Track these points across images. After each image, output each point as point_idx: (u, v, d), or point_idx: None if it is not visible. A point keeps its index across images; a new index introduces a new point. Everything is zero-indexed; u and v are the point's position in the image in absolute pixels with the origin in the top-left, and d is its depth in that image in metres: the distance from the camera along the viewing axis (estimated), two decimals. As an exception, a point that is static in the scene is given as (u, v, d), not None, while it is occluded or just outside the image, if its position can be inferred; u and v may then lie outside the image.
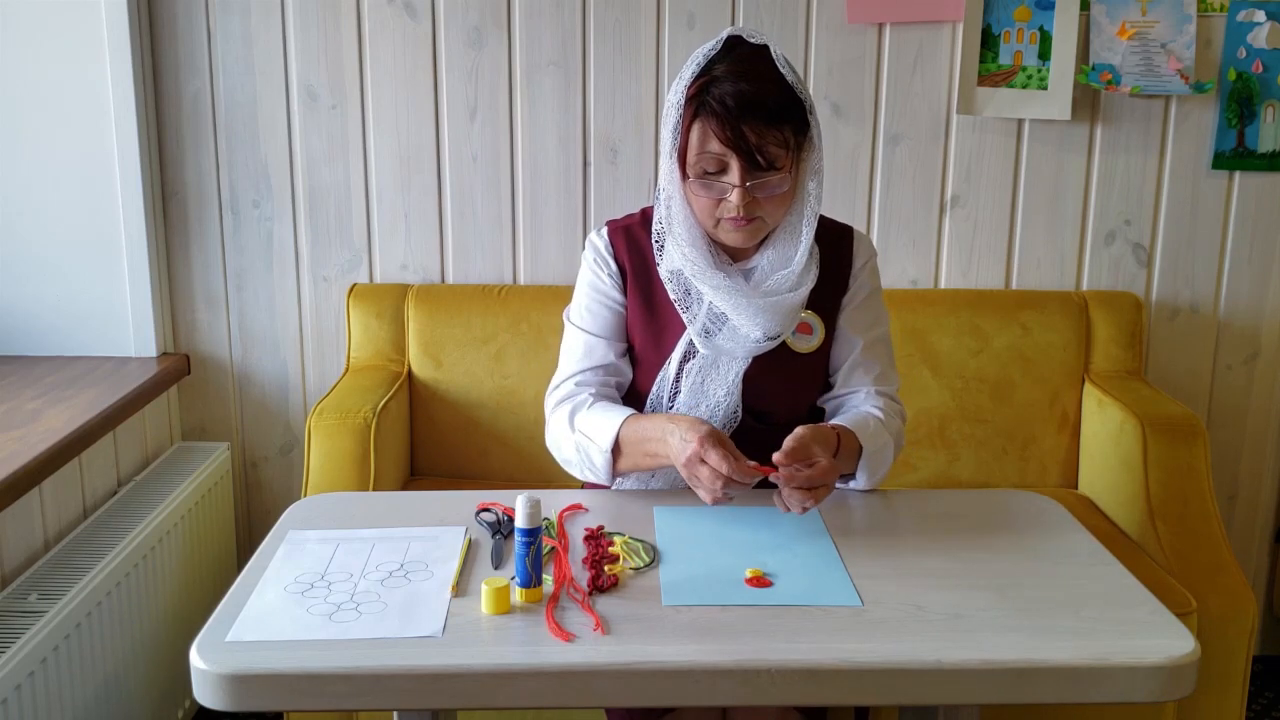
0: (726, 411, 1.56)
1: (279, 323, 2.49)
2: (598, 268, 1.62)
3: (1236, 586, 1.97)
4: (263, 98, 2.39)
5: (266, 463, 2.57)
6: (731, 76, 1.41)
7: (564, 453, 1.58)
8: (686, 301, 1.55)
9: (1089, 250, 2.47)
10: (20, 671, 1.61)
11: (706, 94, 1.42)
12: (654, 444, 1.45)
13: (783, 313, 1.53)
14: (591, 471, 1.54)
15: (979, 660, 1.13)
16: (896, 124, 2.41)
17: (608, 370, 1.60)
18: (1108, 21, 2.35)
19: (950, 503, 1.55)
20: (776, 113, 1.42)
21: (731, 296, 1.50)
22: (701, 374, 1.56)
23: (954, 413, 2.36)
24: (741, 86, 1.40)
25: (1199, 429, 2.14)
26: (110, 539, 1.97)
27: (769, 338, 1.53)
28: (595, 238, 1.63)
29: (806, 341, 1.58)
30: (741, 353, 1.54)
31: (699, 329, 1.54)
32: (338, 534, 1.40)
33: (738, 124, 1.40)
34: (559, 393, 1.60)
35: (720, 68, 1.43)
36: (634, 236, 1.61)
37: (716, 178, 1.45)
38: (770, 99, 1.42)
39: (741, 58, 1.44)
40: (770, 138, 1.42)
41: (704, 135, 1.43)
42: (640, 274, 1.60)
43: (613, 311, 1.61)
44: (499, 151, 2.42)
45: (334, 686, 1.09)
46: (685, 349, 1.56)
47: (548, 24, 2.36)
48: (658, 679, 1.11)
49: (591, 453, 1.51)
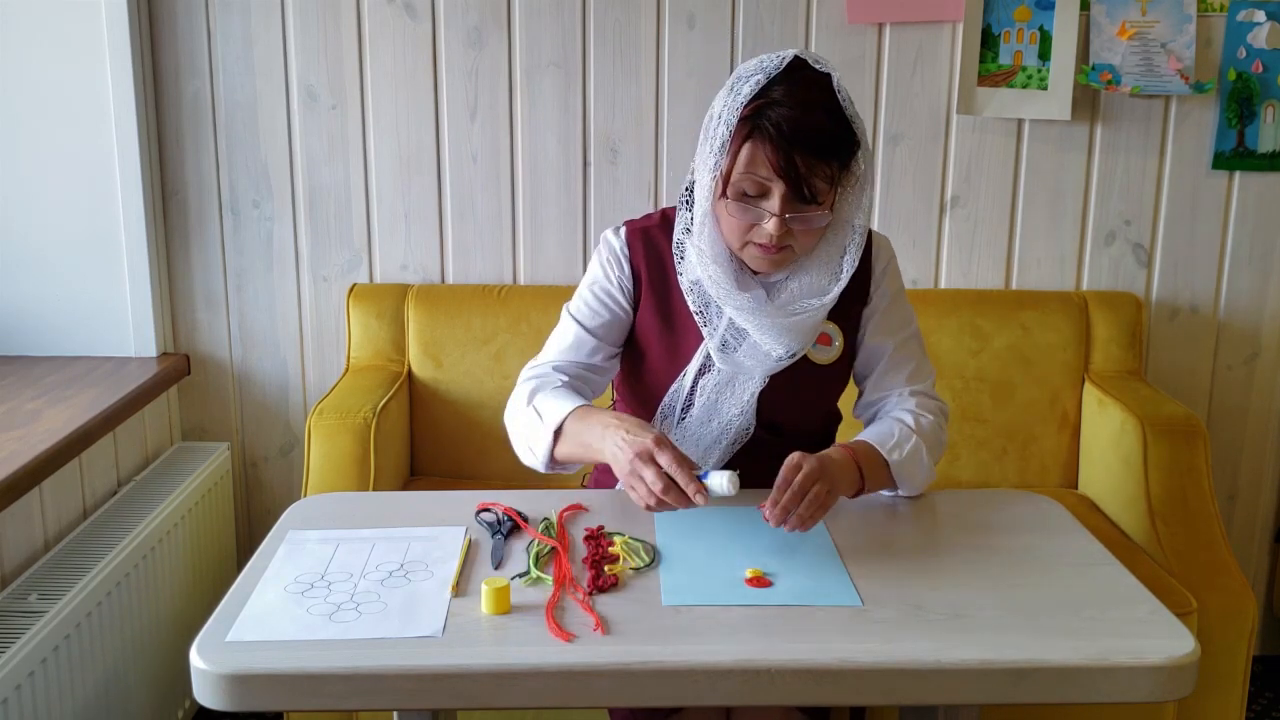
0: (739, 429, 1.55)
1: (279, 323, 2.50)
2: (609, 268, 1.57)
3: (1236, 586, 1.97)
4: (263, 98, 2.39)
5: (266, 463, 2.57)
6: (790, 102, 1.36)
7: (515, 427, 1.52)
8: (706, 315, 1.51)
9: (1089, 250, 2.47)
10: (20, 671, 1.61)
11: (763, 116, 1.37)
12: (593, 435, 1.38)
13: (806, 331, 1.50)
14: (532, 452, 1.48)
15: (979, 660, 1.13)
16: (896, 124, 2.41)
17: (590, 369, 1.57)
18: (1108, 21, 2.35)
19: (950, 503, 1.55)
20: (829, 147, 1.38)
21: (755, 317, 1.47)
22: (716, 391, 1.53)
23: (954, 413, 2.35)
24: (800, 115, 1.35)
25: (1199, 429, 2.14)
26: (110, 539, 1.97)
27: (790, 355, 1.51)
28: (612, 237, 1.58)
29: (826, 353, 1.56)
30: (761, 370, 1.51)
31: (718, 343, 1.51)
32: (338, 534, 1.40)
33: (790, 152, 1.36)
34: (532, 372, 1.56)
35: (779, 90, 1.37)
36: (653, 240, 1.57)
37: (755, 201, 1.40)
38: (826, 132, 1.37)
39: (804, 84, 1.38)
40: (819, 171, 1.38)
41: (753, 157, 1.38)
42: (657, 281, 1.56)
43: (613, 315, 1.57)
44: (499, 151, 2.42)
45: (334, 686, 1.09)
46: (702, 362, 1.54)
47: (548, 24, 2.36)
48: (658, 679, 1.11)
49: (536, 433, 1.46)
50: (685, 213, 1.52)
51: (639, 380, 1.61)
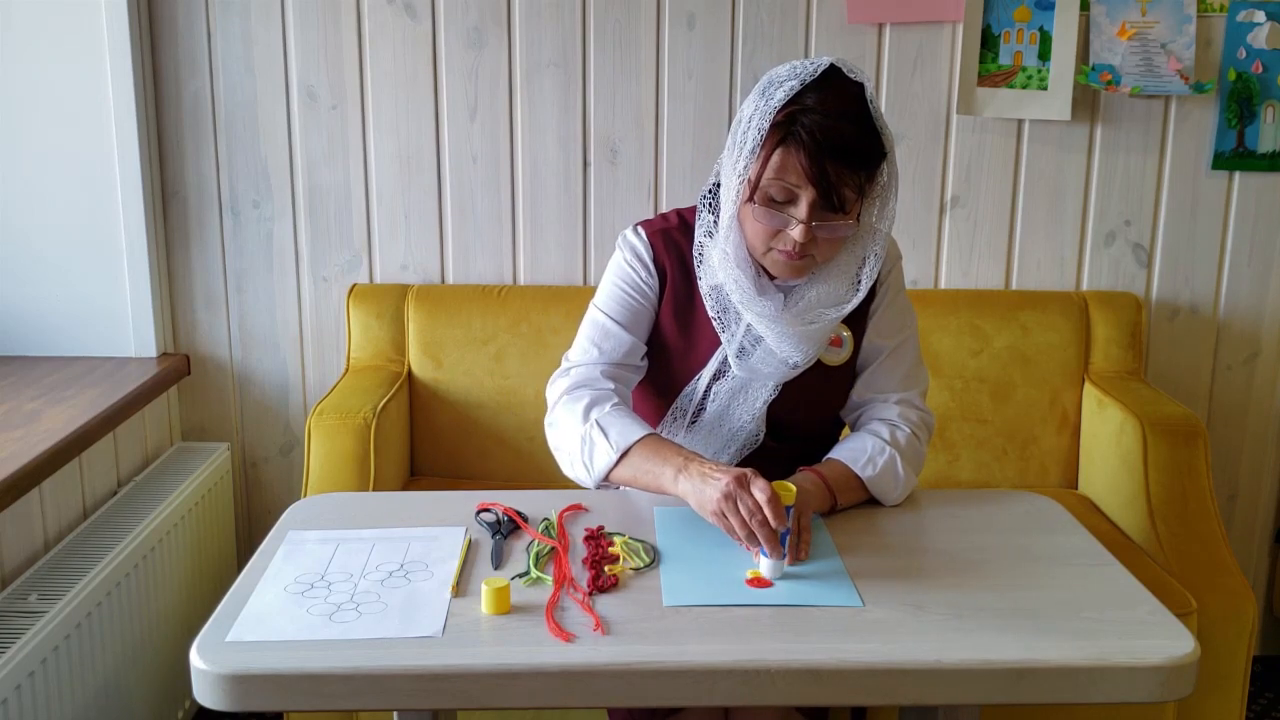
0: (749, 435, 1.55)
1: (279, 323, 2.50)
2: (634, 265, 1.56)
3: (1236, 586, 1.97)
4: (263, 98, 2.39)
5: (266, 463, 2.57)
6: (824, 110, 1.36)
7: (563, 439, 1.50)
8: (725, 320, 1.51)
9: (1089, 250, 2.47)
10: (20, 672, 1.61)
11: (796, 123, 1.36)
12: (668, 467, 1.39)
13: (822, 338, 1.50)
14: (585, 467, 1.47)
15: (979, 660, 1.13)
16: (896, 124, 2.41)
17: (629, 369, 1.55)
18: (1108, 22, 2.35)
19: (950, 503, 1.55)
20: (860, 156, 1.38)
21: (774, 324, 1.47)
22: (729, 396, 1.53)
23: (954, 413, 2.36)
24: (834, 123, 1.35)
25: (1199, 429, 2.14)
26: (110, 539, 1.97)
27: (805, 362, 1.51)
28: (634, 238, 1.57)
29: (837, 355, 1.56)
30: (775, 375, 1.51)
31: (735, 349, 1.51)
32: (338, 534, 1.40)
33: (822, 160, 1.36)
34: (579, 375, 1.52)
35: (813, 98, 1.37)
36: (674, 241, 1.56)
37: (782, 207, 1.40)
38: (857, 141, 1.37)
39: (838, 92, 1.38)
40: (848, 180, 1.38)
41: (784, 163, 1.38)
42: (680, 282, 1.55)
43: (644, 310, 1.56)
44: (499, 151, 2.42)
45: (334, 686, 1.09)
46: (718, 367, 1.54)
47: (548, 24, 2.36)
48: (658, 679, 1.11)
49: (598, 449, 1.45)
50: (707, 215, 1.52)
51: (652, 380, 1.61)
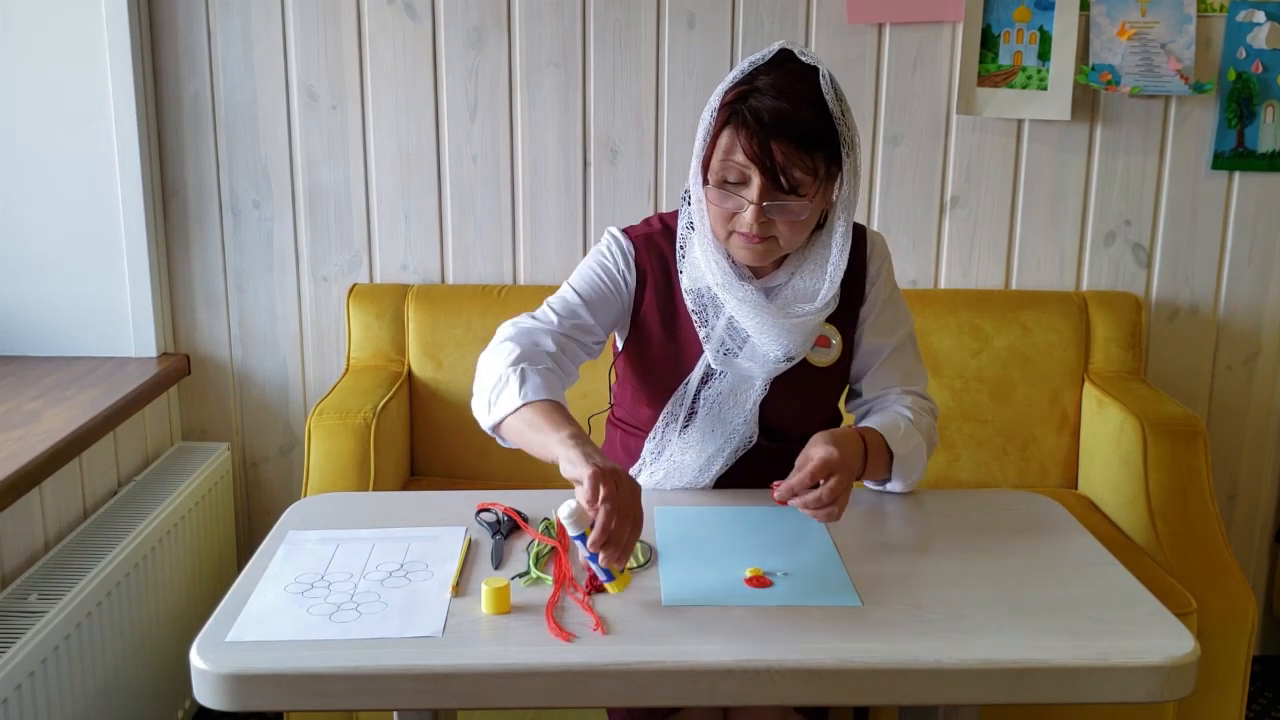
0: (743, 438, 1.54)
1: (279, 323, 2.50)
2: (616, 253, 1.54)
3: (1236, 586, 1.97)
4: (263, 98, 2.39)
5: (266, 463, 2.57)
6: (772, 91, 1.36)
7: (485, 374, 1.43)
8: (704, 316, 1.50)
9: (1089, 250, 2.47)
10: (20, 672, 1.61)
11: (743, 103, 1.37)
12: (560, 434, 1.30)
13: (805, 332, 1.50)
14: (489, 404, 1.39)
15: (979, 660, 1.13)
16: (896, 124, 2.41)
17: (576, 341, 1.50)
18: (1107, 22, 2.35)
19: (950, 503, 1.55)
20: (810, 138, 1.37)
21: (756, 313, 1.46)
22: (720, 400, 1.53)
23: (954, 413, 2.36)
24: (779, 104, 1.35)
25: (1199, 429, 2.14)
26: (110, 539, 1.97)
27: (789, 357, 1.50)
28: (619, 234, 1.56)
29: (825, 355, 1.55)
30: (761, 373, 1.51)
31: (716, 346, 1.50)
32: (338, 534, 1.40)
33: (767, 140, 1.35)
34: (528, 328, 1.47)
35: (763, 80, 1.37)
36: (656, 244, 1.56)
37: (735, 189, 1.40)
38: (806, 123, 1.36)
39: (788, 74, 1.38)
40: (798, 162, 1.37)
41: (731, 144, 1.38)
42: (662, 285, 1.55)
43: (613, 299, 1.53)
44: (499, 151, 2.42)
45: (334, 686, 1.09)
46: (704, 370, 1.53)
47: (548, 24, 2.36)
48: (658, 679, 1.11)
49: (506, 392, 1.37)
50: (688, 208, 1.52)
51: (641, 385, 1.60)
